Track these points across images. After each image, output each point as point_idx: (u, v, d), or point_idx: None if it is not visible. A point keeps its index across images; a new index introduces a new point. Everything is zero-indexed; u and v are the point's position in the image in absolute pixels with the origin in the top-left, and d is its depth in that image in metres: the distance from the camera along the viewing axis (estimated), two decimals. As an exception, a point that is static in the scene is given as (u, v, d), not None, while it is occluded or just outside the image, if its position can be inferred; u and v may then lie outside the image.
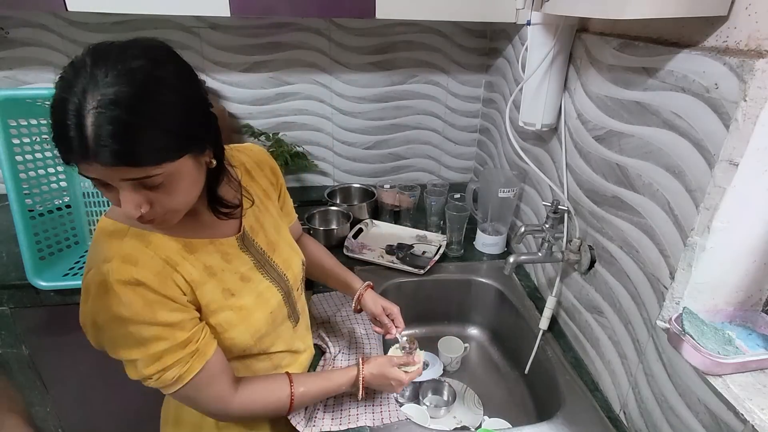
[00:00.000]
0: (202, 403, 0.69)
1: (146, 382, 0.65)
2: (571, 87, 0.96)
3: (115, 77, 0.49)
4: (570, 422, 0.81)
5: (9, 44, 1.37)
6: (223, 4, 1.09)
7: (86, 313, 0.61)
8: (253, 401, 0.72)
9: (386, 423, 0.81)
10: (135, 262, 0.60)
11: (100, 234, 0.63)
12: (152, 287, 0.60)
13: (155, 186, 0.55)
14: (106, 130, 0.48)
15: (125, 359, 0.63)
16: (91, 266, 0.60)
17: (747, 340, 0.64)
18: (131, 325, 0.60)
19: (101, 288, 0.58)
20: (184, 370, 0.64)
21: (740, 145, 0.56)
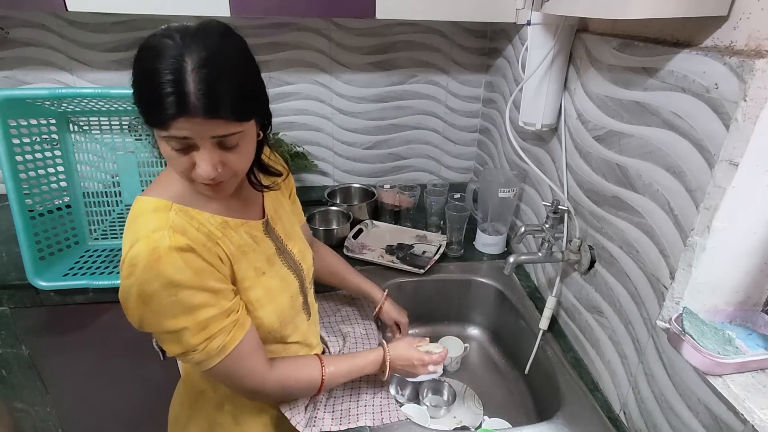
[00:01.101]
0: (240, 376, 0.69)
1: (189, 356, 0.65)
2: (571, 87, 0.96)
3: (204, 45, 0.56)
4: (570, 422, 0.81)
5: (9, 44, 1.37)
6: (223, 4, 1.09)
7: (130, 287, 0.61)
8: (287, 377, 0.75)
9: (386, 423, 0.81)
10: (184, 231, 0.63)
11: (143, 210, 0.64)
12: (201, 255, 0.63)
13: (230, 147, 0.61)
14: (205, 87, 0.54)
15: (171, 330, 0.62)
16: (138, 238, 0.61)
17: (747, 340, 0.64)
18: (182, 291, 0.61)
19: (153, 255, 0.59)
20: (228, 339, 0.66)
21: (740, 145, 0.56)
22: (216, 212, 0.70)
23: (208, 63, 0.55)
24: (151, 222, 0.62)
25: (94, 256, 1.19)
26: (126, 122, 1.18)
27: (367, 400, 0.85)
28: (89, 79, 1.45)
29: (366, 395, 0.86)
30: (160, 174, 0.72)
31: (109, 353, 1.25)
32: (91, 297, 1.14)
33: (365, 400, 0.85)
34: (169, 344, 0.64)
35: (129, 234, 0.63)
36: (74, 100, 1.05)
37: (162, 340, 0.65)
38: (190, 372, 0.84)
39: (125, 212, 1.25)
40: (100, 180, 1.22)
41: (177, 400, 0.88)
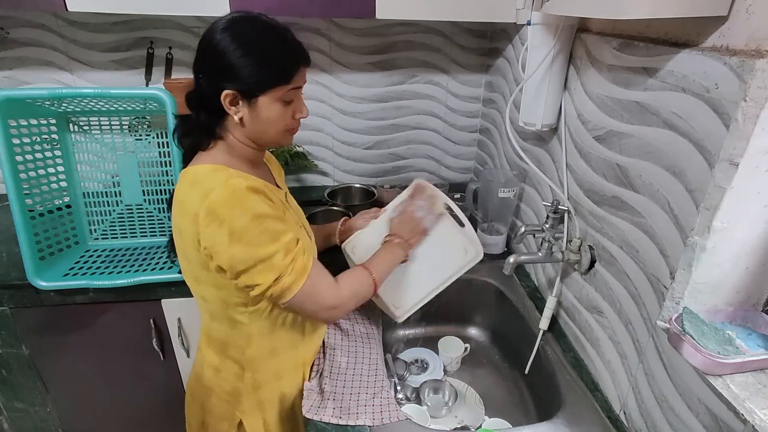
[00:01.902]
0: (322, 292, 0.77)
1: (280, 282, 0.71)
2: (571, 87, 0.96)
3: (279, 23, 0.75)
4: (570, 422, 0.81)
5: (9, 44, 1.37)
6: (223, 4, 1.09)
7: (218, 231, 0.67)
8: (354, 284, 0.82)
9: (386, 423, 0.81)
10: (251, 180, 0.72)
11: (202, 172, 0.72)
12: (268, 196, 0.73)
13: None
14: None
15: (265, 257, 0.69)
16: (212, 188, 0.68)
17: (747, 340, 0.64)
18: (267, 220, 0.69)
19: (235, 196, 0.68)
20: (305, 258, 0.75)
21: (740, 145, 0.56)
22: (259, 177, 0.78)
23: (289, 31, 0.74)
24: (219, 176, 0.70)
25: (94, 256, 1.19)
26: (126, 122, 1.18)
27: (367, 399, 0.85)
28: (89, 79, 1.45)
29: (366, 395, 0.86)
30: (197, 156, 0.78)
31: (109, 353, 1.25)
32: (91, 297, 1.14)
33: (365, 400, 0.85)
34: (262, 274, 0.70)
35: (197, 190, 0.69)
36: (74, 100, 1.05)
37: (254, 274, 0.70)
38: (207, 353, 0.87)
39: (125, 212, 1.25)
40: (100, 180, 1.22)
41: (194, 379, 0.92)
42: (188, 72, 1.45)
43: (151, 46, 1.42)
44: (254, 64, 0.70)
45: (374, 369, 0.93)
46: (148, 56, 1.43)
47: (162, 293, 1.17)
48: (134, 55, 1.43)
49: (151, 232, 1.27)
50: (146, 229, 1.27)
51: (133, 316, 1.20)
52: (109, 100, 1.07)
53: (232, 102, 0.72)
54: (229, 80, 0.70)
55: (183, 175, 0.74)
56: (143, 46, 1.42)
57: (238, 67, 0.69)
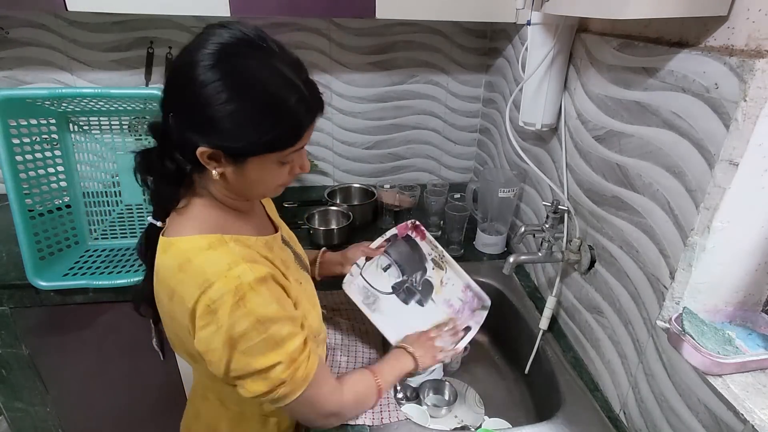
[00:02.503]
0: (322, 401, 0.68)
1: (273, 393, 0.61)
2: (571, 87, 0.96)
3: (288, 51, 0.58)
4: (570, 422, 0.81)
5: (9, 44, 1.37)
6: (223, 4, 1.09)
7: (214, 335, 0.56)
8: (357, 392, 0.74)
9: (386, 423, 0.81)
10: (255, 260, 0.60)
11: (197, 251, 0.58)
12: (277, 280, 0.61)
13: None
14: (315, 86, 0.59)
15: (262, 368, 0.59)
16: (210, 281, 0.55)
17: (747, 340, 0.64)
18: (273, 325, 0.58)
19: (237, 294, 0.55)
20: (309, 365, 0.64)
21: (740, 145, 0.56)
22: (254, 234, 0.68)
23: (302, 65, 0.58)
24: (219, 260, 0.57)
25: (94, 256, 1.19)
26: (126, 122, 1.18)
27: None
28: (89, 79, 1.45)
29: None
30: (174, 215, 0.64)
31: (109, 353, 1.25)
32: (91, 297, 1.14)
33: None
34: (254, 384, 0.60)
35: (190, 279, 0.57)
36: (74, 100, 1.05)
37: (245, 383, 0.60)
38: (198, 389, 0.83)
39: (125, 212, 1.25)
40: (100, 180, 1.22)
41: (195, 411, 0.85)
42: (188, 72, 1.46)
43: (151, 46, 1.42)
44: (249, 124, 0.53)
45: (374, 369, 0.92)
46: (148, 56, 1.43)
47: (162, 293, 1.16)
48: (134, 55, 1.43)
49: (151, 232, 1.27)
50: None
51: (133, 316, 1.18)
52: (109, 100, 1.07)
53: (212, 157, 0.56)
54: (211, 136, 0.54)
55: (167, 250, 0.60)
56: (143, 46, 1.42)
57: (224, 123, 0.53)
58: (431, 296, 0.98)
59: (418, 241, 0.98)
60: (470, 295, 0.99)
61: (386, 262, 0.98)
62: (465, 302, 0.96)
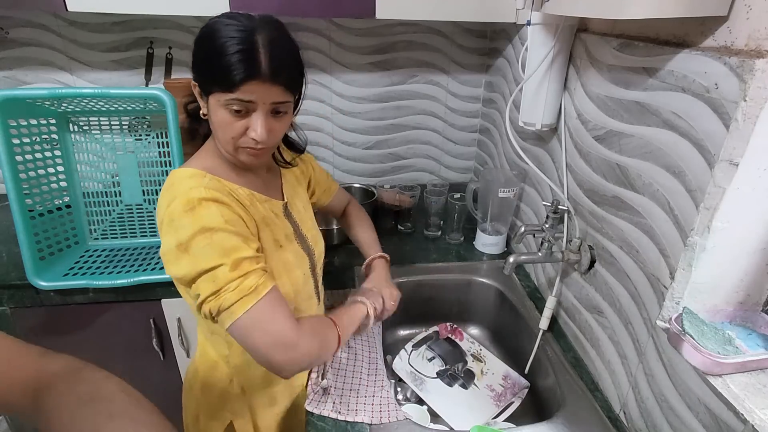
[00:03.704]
0: (274, 323, 0.65)
1: (222, 297, 0.64)
2: (571, 87, 0.96)
3: (272, 26, 0.67)
4: (570, 422, 0.81)
5: (9, 44, 1.37)
6: (223, 4, 1.09)
7: (169, 240, 0.66)
8: (316, 331, 0.71)
9: (385, 422, 0.81)
10: (217, 191, 0.69)
11: (180, 177, 0.71)
12: (232, 207, 0.69)
13: (279, 114, 0.70)
14: (274, 56, 0.65)
15: (207, 268, 0.64)
16: (175, 197, 0.67)
17: (747, 340, 0.64)
18: (216, 234, 0.65)
19: (187, 206, 0.65)
20: (261, 281, 0.67)
21: (740, 145, 0.56)
22: (245, 185, 0.77)
23: (275, 38, 0.66)
24: (188, 183, 0.69)
25: (94, 256, 1.19)
26: (126, 122, 1.18)
27: (366, 397, 0.85)
28: (89, 79, 1.45)
29: (366, 393, 0.87)
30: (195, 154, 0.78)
31: (109, 353, 1.25)
32: (91, 297, 1.14)
33: (365, 398, 0.85)
34: (204, 285, 0.65)
35: (165, 196, 0.69)
36: (74, 100, 1.05)
37: (198, 286, 0.66)
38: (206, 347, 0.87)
39: (125, 212, 1.25)
40: (100, 180, 1.22)
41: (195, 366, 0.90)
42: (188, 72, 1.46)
43: (151, 46, 1.42)
44: (201, 60, 0.68)
45: (374, 368, 0.93)
46: (148, 56, 1.43)
47: (162, 293, 1.17)
48: (134, 55, 1.43)
49: (151, 232, 1.27)
50: (146, 229, 1.27)
51: (133, 316, 1.20)
52: (109, 100, 1.07)
53: (199, 94, 0.72)
54: (193, 70, 0.71)
55: (169, 175, 0.74)
56: (143, 46, 1.42)
57: (195, 59, 0.69)
58: (474, 382, 1.06)
59: (458, 342, 1.10)
60: (510, 382, 1.05)
61: (430, 355, 1.11)
62: (506, 388, 1.04)
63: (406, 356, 1.07)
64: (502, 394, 1.02)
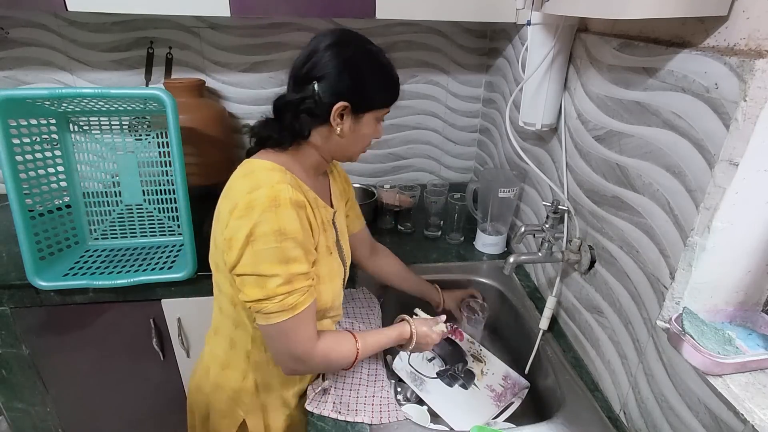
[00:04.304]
0: (296, 339, 0.72)
1: (263, 304, 0.68)
2: (571, 87, 0.96)
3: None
4: (570, 422, 0.81)
5: (9, 44, 1.37)
6: (223, 4, 1.09)
7: (242, 226, 0.66)
8: (332, 349, 0.77)
9: (385, 422, 0.81)
10: (298, 192, 0.71)
11: (261, 168, 0.72)
12: (308, 214, 0.72)
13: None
14: None
15: (264, 273, 0.67)
16: (260, 185, 0.68)
17: (747, 340, 0.64)
18: (286, 241, 0.67)
19: (273, 202, 0.66)
20: (302, 299, 0.70)
21: (740, 145, 0.56)
22: (311, 188, 0.79)
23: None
24: (273, 176, 0.70)
25: (94, 256, 1.19)
26: (126, 122, 1.18)
27: (366, 398, 0.85)
28: (89, 79, 1.45)
29: (366, 393, 0.87)
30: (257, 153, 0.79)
31: (109, 353, 1.25)
32: (91, 297, 1.14)
33: (365, 398, 0.85)
34: (252, 287, 0.68)
35: (246, 182, 0.69)
36: (74, 100, 1.05)
37: (247, 282, 0.68)
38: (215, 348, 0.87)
39: (125, 212, 1.25)
40: (100, 180, 1.22)
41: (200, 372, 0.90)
42: (188, 72, 1.47)
43: (151, 46, 1.42)
44: (379, 82, 0.75)
45: (374, 368, 0.93)
46: (148, 56, 1.43)
47: (162, 293, 1.17)
48: (134, 55, 1.43)
49: (151, 232, 1.27)
50: (146, 229, 1.27)
51: (133, 316, 1.20)
52: (109, 100, 1.07)
53: (340, 114, 0.73)
54: (350, 93, 0.72)
55: (243, 165, 0.75)
56: (143, 46, 1.42)
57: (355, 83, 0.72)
58: (474, 382, 1.05)
59: (458, 342, 1.09)
60: (510, 383, 1.04)
61: (430, 356, 1.09)
62: (506, 388, 1.03)
63: (406, 356, 1.07)
64: (502, 394, 1.02)
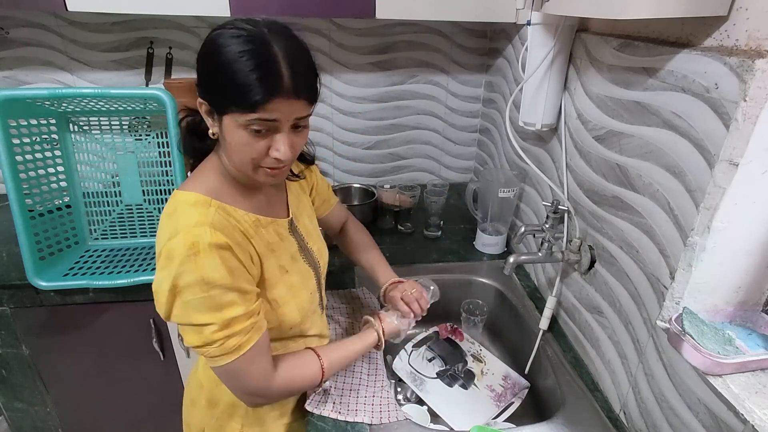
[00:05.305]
0: (248, 378, 0.69)
1: (204, 349, 0.65)
2: (571, 87, 0.96)
3: (284, 35, 0.63)
4: (570, 422, 0.81)
5: (9, 44, 1.37)
6: (223, 4, 1.09)
7: (165, 278, 0.62)
8: (292, 378, 0.75)
9: (385, 422, 0.81)
10: (223, 229, 0.65)
11: (183, 204, 0.66)
12: (237, 254, 0.65)
13: (299, 128, 0.67)
14: (295, 70, 0.60)
15: (196, 323, 0.64)
16: (178, 231, 0.62)
17: (747, 340, 0.64)
18: (213, 289, 0.62)
19: (191, 250, 0.61)
20: (245, 339, 0.66)
21: (740, 145, 0.56)
22: (249, 210, 0.73)
23: (291, 48, 0.62)
24: (192, 216, 0.64)
25: (94, 256, 1.19)
26: (126, 122, 1.18)
27: (366, 398, 0.85)
28: (89, 79, 1.45)
29: (366, 393, 0.87)
30: (195, 170, 0.74)
31: (109, 353, 1.25)
32: (91, 297, 1.14)
33: (365, 398, 0.85)
34: (190, 335, 0.66)
35: (167, 226, 0.65)
36: (74, 100, 1.05)
37: (184, 330, 0.66)
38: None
39: (125, 212, 1.25)
40: (100, 180, 1.22)
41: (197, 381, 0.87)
42: (188, 72, 1.46)
43: (151, 46, 1.42)
44: (211, 78, 0.63)
45: (374, 368, 0.93)
46: (148, 56, 1.43)
47: (162, 293, 1.16)
48: (134, 55, 1.43)
49: (151, 232, 1.27)
50: (146, 229, 1.27)
51: (133, 316, 1.20)
52: (109, 100, 1.07)
53: (207, 113, 0.66)
54: (201, 88, 0.65)
55: (170, 198, 0.69)
56: (143, 46, 1.42)
57: (204, 76, 0.64)
58: (474, 382, 1.05)
59: (458, 342, 1.10)
60: (510, 383, 1.05)
61: (430, 356, 1.10)
62: (506, 388, 1.03)
63: (406, 356, 1.07)
64: (502, 394, 1.02)
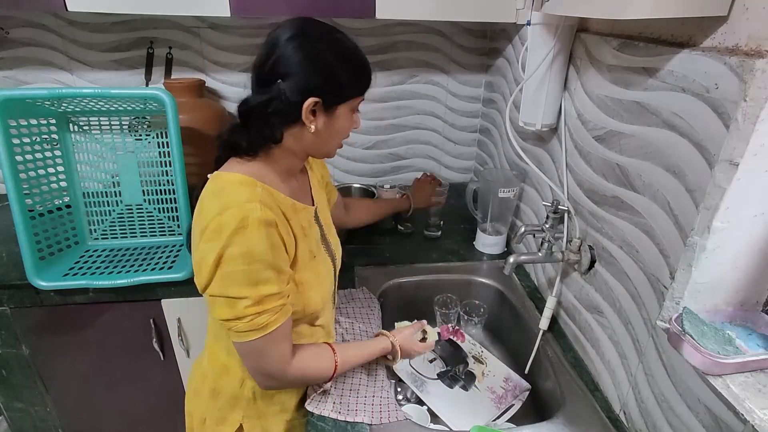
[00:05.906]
0: (267, 358, 0.72)
1: (233, 323, 0.67)
2: (571, 87, 0.96)
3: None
4: (570, 422, 0.81)
5: (9, 44, 1.37)
6: (223, 4, 1.09)
7: (210, 250, 0.64)
8: (308, 366, 0.77)
9: (385, 422, 0.81)
10: (271, 207, 0.68)
11: (231, 183, 0.69)
12: (280, 232, 0.68)
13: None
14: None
15: (231, 296, 0.65)
16: (229, 206, 0.65)
17: (747, 340, 0.64)
18: (255, 263, 0.65)
19: (242, 223, 0.63)
20: (272, 319, 0.69)
21: (740, 145, 0.56)
22: (287, 194, 0.76)
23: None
24: (242, 193, 0.67)
25: (94, 256, 1.19)
26: (126, 122, 1.18)
27: (366, 398, 0.85)
28: (89, 79, 1.45)
29: (366, 393, 0.87)
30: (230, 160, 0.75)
31: (109, 353, 1.26)
32: (91, 297, 1.14)
33: (365, 398, 0.85)
34: (222, 307, 0.67)
35: (215, 203, 0.66)
36: (74, 100, 1.05)
37: (216, 302, 0.67)
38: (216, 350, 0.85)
39: (125, 212, 1.25)
40: (100, 180, 1.22)
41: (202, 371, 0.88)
42: (188, 72, 1.47)
43: (151, 46, 1.42)
44: (348, 71, 0.71)
45: (374, 368, 0.93)
46: (148, 56, 1.43)
47: (162, 293, 1.17)
48: (134, 55, 1.43)
49: (151, 232, 1.27)
50: (146, 229, 1.27)
51: (133, 316, 1.20)
52: (109, 100, 1.07)
53: (314, 111, 0.70)
54: (319, 88, 0.68)
55: (213, 179, 0.71)
56: (143, 46, 1.42)
57: (324, 73, 0.69)
58: (474, 384, 1.05)
59: (459, 343, 1.09)
60: (511, 385, 1.05)
61: (431, 356, 1.10)
62: (507, 390, 1.04)
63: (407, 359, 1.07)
64: (503, 396, 1.02)
